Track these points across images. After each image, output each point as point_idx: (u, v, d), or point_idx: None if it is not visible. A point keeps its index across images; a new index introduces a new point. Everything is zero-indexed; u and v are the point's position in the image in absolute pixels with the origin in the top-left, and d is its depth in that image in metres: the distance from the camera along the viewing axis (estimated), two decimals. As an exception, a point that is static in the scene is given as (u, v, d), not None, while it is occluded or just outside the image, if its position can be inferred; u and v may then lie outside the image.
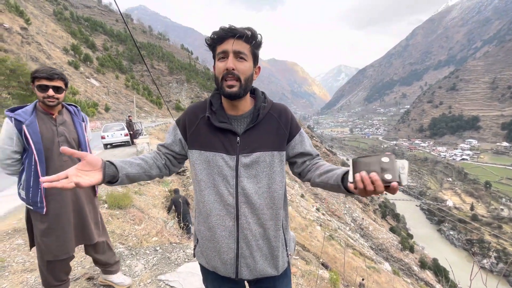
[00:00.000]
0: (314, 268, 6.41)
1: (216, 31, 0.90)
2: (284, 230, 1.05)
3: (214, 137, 0.96)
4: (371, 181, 0.68)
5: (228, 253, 0.97)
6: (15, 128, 1.44)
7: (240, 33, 0.87)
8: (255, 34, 0.91)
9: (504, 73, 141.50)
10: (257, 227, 0.97)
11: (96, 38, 60.84)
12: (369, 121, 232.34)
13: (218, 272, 1.01)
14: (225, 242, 0.96)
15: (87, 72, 39.96)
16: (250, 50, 0.92)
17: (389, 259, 27.49)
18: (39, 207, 1.50)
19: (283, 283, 1.08)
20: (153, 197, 5.38)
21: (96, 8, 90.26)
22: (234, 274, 0.98)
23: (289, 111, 1.05)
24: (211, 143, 0.96)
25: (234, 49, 0.88)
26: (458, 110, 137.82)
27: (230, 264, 0.97)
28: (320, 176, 0.95)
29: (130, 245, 2.53)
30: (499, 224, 52.47)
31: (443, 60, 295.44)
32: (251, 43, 0.91)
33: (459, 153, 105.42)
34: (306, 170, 1.04)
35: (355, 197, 43.72)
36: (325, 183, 0.92)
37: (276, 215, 0.99)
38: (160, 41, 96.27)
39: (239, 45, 0.89)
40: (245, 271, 0.98)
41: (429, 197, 72.66)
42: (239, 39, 0.88)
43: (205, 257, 1.02)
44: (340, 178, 0.84)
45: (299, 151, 1.03)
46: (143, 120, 31.69)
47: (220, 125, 0.95)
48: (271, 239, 0.99)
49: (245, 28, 0.90)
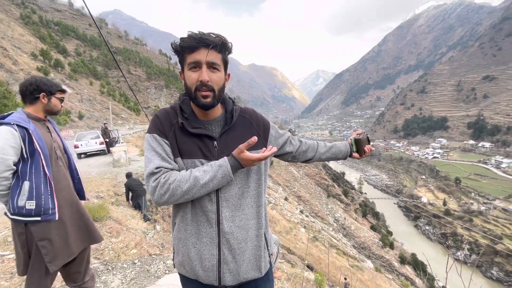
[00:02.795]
0: (299, 270, 6.42)
1: (186, 38, 0.86)
2: (265, 229, 1.05)
3: (190, 144, 0.94)
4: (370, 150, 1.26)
5: (210, 260, 0.94)
6: (19, 135, 1.37)
7: (213, 43, 0.85)
8: (227, 43, 0.89)
9: (468, 76, 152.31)
10: (239, 230, 0.95)
11: (68, 43, 58.12)
12: (347, 124, 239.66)
13: (200, 280, 0.98)
14: (206, 249, 0.94)
15: (58, 78, 37.97)
16: (222, 59, 0.91)
17: (371, 256, 28.27)
18: (51, 214, 1.43)
19: (266, 286, 1.07)
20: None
21: (68, 12, 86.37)
22: (217, 281, 0.96)
23: (257, 111, 1.08)
24: (188, 150, 0.94)
25: (207, 61, 0.87)
26: (428, 111, 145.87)
27: (212, 271, 0.95)
28: (326, 153, 1.23)
29: (106, 260, 2.38)
30: (470, 218, 55.61)
31: (412, 64, 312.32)
32: (224, 53, 0.90)
33: (430, 152, 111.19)
34: (299, 152, 1.18)
35: (336, 198, 44.74)
36: (334, 157, 1.24)
37: (258, 213, 1.00)
38: (137, 46, 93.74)
39: (212, 55, 0.87)
40: (228, 277, 0.96)
41: (406, 195, 75.79)
42: (213, 49, 0.86)
43: (186, 265, 0.98)
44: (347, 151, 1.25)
45: (282, 141, 1.10)
46: (120, 128, 30.54)
47: (195, 130, 0.93)
48: (254, 239, 0.98)
49: (216, 37, 0.87)
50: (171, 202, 0.90)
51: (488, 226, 51.71)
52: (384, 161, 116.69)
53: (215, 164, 0.90)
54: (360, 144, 1.25)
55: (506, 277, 40.22)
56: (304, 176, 47.69)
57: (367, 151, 1.25)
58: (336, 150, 1.25)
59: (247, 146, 0.87)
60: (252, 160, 0.89)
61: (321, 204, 38.78)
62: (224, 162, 0.89)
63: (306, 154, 1.19)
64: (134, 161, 9.59)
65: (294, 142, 1.16)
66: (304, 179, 46.10)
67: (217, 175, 0.88)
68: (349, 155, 1.27)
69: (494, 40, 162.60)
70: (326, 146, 1.25)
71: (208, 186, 0.88)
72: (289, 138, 1.14)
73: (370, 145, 1.27)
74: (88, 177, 7.18)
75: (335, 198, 44.28)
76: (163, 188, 0.87)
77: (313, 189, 43.56)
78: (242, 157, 0.89)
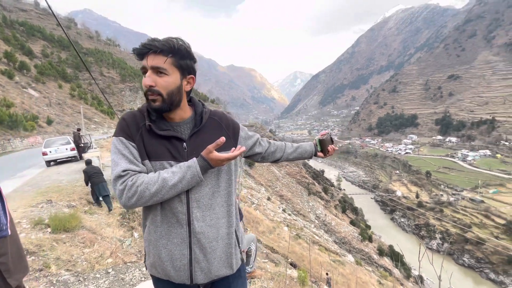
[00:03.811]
0: (283, 269, 6.47)
1: (136, 47, 0.89)
2: (236, 227, 1.07)
3: (159, 146, 0.94)
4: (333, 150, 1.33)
5: (181, 260, 0.95)
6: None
7: (154, 47, 0.86)
8: (175, 46, 0.89)
9: (435, 75, 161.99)
10: (210, 229, 0.97)
11: (34, 44, 54.51)
12: (324, 123, 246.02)
13: (172, 280, 0.98)
14: (177, 249, 0.95)
15: (24, 82, 35.52)
16: (172, 63, 0.90)
17: (352, 250, 29.16)
18: (5, 229, 1.29)
19: (238, 283, 1.08)
20: (107, 215, 4.92)
21: (34, 11, 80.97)
22: (189, 279, 0.97)
23: (227, 114, 1.10)
24: (157, 152, 0.93)
25: (151, 65, 0.87)
26: (400, 109, 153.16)
27: (184, 271, 0.96)
28: (293, 154, 1.30)
29: (78, 271, 2.24)
30: (440, 208, 58.45)
31: (384, 65, 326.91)
32: (172, 56, 0.90)
33: (403, 148, 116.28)
34: (268, 153, 1.23)
35: (317, 195, 45.70)
36: (300, 157, 1.32)
37: (228, 211, 1.01)
38: (110, 47, 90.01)
39: (157, 60, 0.87)
40: (200, 275, 0.97)
41: (381, 190, 78.89)
42: (155, 54, 0.87)
43: (157, 267, 0.99)
44: (312, 151, 1.33)
45: (252, 143, 1.15)
46: (94, 132, 29.11)
47: (163, 132, 0.93)
48: (224, 237, 1.00)
49: (164, 41, 0.88)
50: (139, 204, 0.89)
51: (457, 215, 54.59)
52: (361, 158, 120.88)
53: (184, 165, 0.90)
54: (324, 144, 1.33)
55: (477, 264, 42.43)
56: (286, 175, 48.25)
57: (331, 150, 1.33)
58: (302, 150, 1.33)
59: (216, 146, 0.89)
60: (221, 160, 0.90)
61: (302, 202, 39.42)
62: (193, 163, 0.90)
63: (275, 154, 1.26)
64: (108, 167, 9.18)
65: (263, 144, 1.22)
66: (286, 178, 46.63)
67: (186, 176, 0.88)
68: (314, 155, 1.35)
69: (458, 41, 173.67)
70: (293, 146, 1.32)
71: (177, 187, 0.88)
72: (258, 139, 1.20)
73: (333, 145, 1.35)
74: (58, 185, 6.75)
75: (316, 196, 45.21)
76: (130, 191, 0.86)
77: (295, 188, 44.19)
78: (211, 157, 0.89)
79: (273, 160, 1.27)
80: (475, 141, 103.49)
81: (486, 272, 40.85)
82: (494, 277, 39.56)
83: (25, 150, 17.99)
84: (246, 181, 31.61)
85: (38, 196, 5.50)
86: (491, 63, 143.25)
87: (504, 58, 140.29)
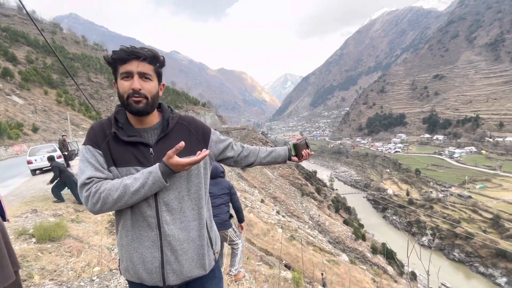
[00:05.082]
0: (277, 271, 6.45)
1: (118, 51, 0.94)
2: (208, 229, 1.09)
3: (125, 152, 0.96)
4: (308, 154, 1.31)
5: (152, 262, 0.97)
6: None
7: (144, 55, 0.93)
8: (158, 56, 0.98)
9: (420, 75, 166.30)
10: (180, 232, 0.98)
11: (18, 50, 53.11)
12: (316, 124, 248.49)
13: (145, 282, 1.00)
14: (148, 252, 0.97)
15: (8, 89, 34.50)
16: (154, 70, 0.98)
17: (346, 250, 29.37)
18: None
19: (213, 283, 1.11)
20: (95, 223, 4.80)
21: (17, 16, 78.94)
22: (161, 281, 0.99)
23: (197, 119, 1.12)
24: (123, 158, 0.96)
25: (139, 71, 0.94)
26: (388, 109, 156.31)
27: (156, 273, 0.98)
28: (266, 158, 1.28)
29: (63, 280, 2.17)
30: (430, 205, 59.59)
31: (372, 66, 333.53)
32: (155, 64, 0.98)
33: (392, 147, 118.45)
34: (241, 157, 1.23)
35: (310, 196, 45.95)
36: (274, 161, 1.30)
37: (199, 214, 1.04)
38: (97, 51, 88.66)
39: (144, 66, 0.94)
40: (172, 277, 0.99)
41: (373, 188, 79.98)
42: (143, 61, 0.94)
43: (130, 270, 1.01)
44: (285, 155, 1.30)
45: (223, 147, 1.15)
46: (81, 139, 28.49)
47: (129, 139, 0.97)
48: (196, 239, 1.02)
49: (149, 50, 0.97)
50: (105, 210, 0.92)
51: (447, 211, 55.74)
52: (352, 158, 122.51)
53: (146, 171, 0.92)
54: (298, 149, 1.31)
55: (467, 258, 43.20)
56: (279, 177, 48.34)
57: (305, 155, 1.31)
58: (276, 154, 1.31)
59: (175, 151, 0.89)
60: (182, 165, 0.90)
61: (296, 203, 39.54)
62: (154, 169, 0.91)
63: (248, 158, 1.26)
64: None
65: (236, 148, 1.22)
66: (279, 180, 46.71)
67: (147, 182, 0.90)
68: (288, 159, 1.33)
69: (442, 42, 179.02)
70: (267, 151, 1.32)
71: (139, 193, 0.90)
72: (230, 143, 1.20)
73: (308, 150, 1.33)
74: (44, 194, 6.56)
75: (309, 196, 45.43)
76: (94, 197, 0.89)
77: (288, 189, 44.30)
78: (171, 162, 0.90)
79: (247, 164, 1.27)
80: (461, 139, 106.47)
81: (476, 265, 41.73)
82: (484, 270, 40.48)
83: (9, 159, 17.45)
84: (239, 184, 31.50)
85: (22, 206, 5.33)
86: (473, 62, 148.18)
87: (486, 58, 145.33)
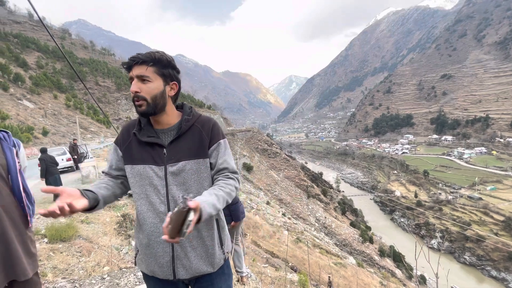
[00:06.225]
0: (283, 273, 6.43)
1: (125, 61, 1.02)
2: (220, 230, 1.14)
3: (143, 151, 1.05)
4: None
5: (164, 257, 1.05)
6: None
7: (138, 59, 0.99)
8: (155, 57, 1.01)
9: (428, 75, 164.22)
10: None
11: (28, 55, 54.47)
12: (321, 126, 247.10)
13: (157, 275, 1.08)
14: (160, 247, 1.04)
15: (19, 93, 35.38)
16: (155, 71, 1.02)
17: (353, 252, 29.05)
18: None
19: (221, 280, 1.15)
20: (104, 224, 4.89)
21: (28, 23, 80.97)
22: (172, 275, 1.06)
23: (212, 122, 1.12)
24: (141, 156, 1.05)
25: (136, 74, 1.00)
26: (395, 110, 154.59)
27: (167, 267, 1.05)
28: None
29: (74, 278, 2.24)
30: (439, 207, 58.47)
31: (378, 67, 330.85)
32: (155, 66, 1.01)
33: (400, 148, 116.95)
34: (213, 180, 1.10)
35: (316, 198, 45.65)
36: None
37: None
38: (105, 56, 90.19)
39: (140, 69, 1.00)
40: (182, 271, 1.05)
41: (380, 190, 78.98)
42: (138, 64, 1.00)
43: (144, 263, 1.09)
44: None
45: (211, 161, 1.09)
46: (90, 142, 28.97)
47: (146, 139, 1.05)
48: (205, 238, 1.08)
49: (146, 53, 1.01)
50: None
51: (456, 214, 54.56)
52: (358, 159, 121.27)
53: None
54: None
55: (478, 261, 42.09)
56: (284, 179, 48.21)
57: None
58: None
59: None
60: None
61: (302, 206, 39.33)
62: None
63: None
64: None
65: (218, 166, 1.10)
66: (285, 182, 46.58)
67: None
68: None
69: (449, 42, 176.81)
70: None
71: None
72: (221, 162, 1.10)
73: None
74: (54, 196, 6.70)
75: (315, 198, 45.14)
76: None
77: (294, 191, 44.12)
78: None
79: None
80: (470, 139, 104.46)
81: (488, 269, 40.71)
82: (496, 274, 39.46)
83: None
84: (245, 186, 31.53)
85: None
86: (482, 61, 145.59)
87: (495, 56, 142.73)
